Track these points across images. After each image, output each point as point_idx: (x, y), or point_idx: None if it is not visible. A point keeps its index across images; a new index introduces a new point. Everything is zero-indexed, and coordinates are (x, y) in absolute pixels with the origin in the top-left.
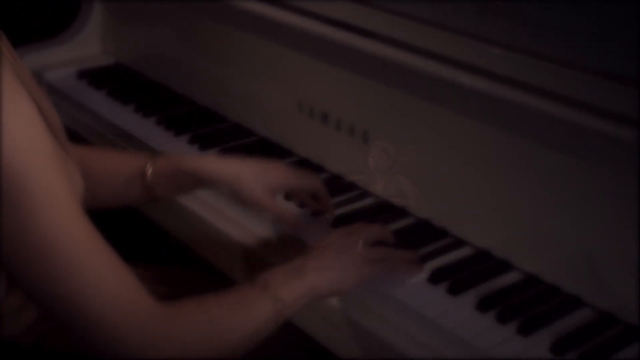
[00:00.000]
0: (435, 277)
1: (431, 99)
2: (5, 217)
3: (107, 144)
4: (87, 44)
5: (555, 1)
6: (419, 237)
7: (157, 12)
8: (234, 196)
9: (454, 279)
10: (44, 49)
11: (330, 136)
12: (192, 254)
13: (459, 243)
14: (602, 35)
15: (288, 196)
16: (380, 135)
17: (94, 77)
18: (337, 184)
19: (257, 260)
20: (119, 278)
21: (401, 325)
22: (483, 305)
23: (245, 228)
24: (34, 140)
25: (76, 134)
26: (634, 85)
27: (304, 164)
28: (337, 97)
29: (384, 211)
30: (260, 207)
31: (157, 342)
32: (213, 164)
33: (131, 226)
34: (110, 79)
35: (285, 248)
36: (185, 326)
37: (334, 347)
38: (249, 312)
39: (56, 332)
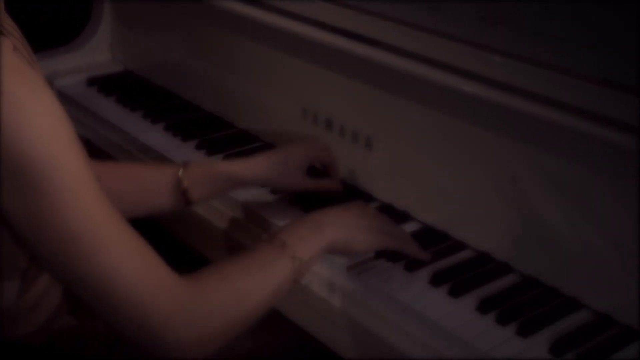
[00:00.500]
0: (436, 280)
1: (432, 105)
2: (32, 204)
3: (116, 149)
4: (97, 52)
5: (554, 10)
6: (421, 240)
7: (165, 20)
8: (269, 189)
9: (455, 282)
10: (54, 57)
11: (334, 142)
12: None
13: (459, 246)
14: (600, 43)
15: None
16: (383, 141)
17: (103, 84)
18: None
19: None
20: (143, 257)
21: (403, 326)
22: (483, 307)
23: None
24: (57, 128)
25: (86, 140)
26: (631, 92)
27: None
28: (340, 103)
29: (387, 215)
30: (301, 190)
31: (182, 315)
32: (246, 165)
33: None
34: (119, 86)
35: None
36: (209, 297)
37: (335, 347)
38: (268, 273)
39: (66, 333)
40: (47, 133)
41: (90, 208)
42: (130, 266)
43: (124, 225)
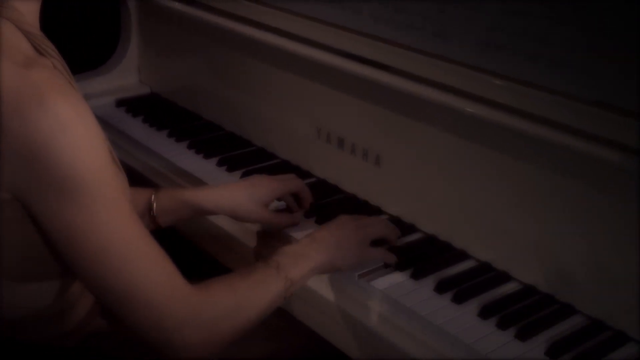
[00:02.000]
0: (441, 287)
1: (437, 125)
2: (70, 217)
3: (143, 166)
4: (125, 75)
5: (550, 37)
6: (426, 250)
7: (189, 46)
8: (233, 219)
9: (458, 289)
10: (85, 80)
11: (346, 159)
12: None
13: (462, 256)
14: (592, 67)
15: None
16: (391, 159)
17: (131, 105)
18: (352, 203)
19: None
20: (163, 268)
21: (410, 330)
22: (485, 312)
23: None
24: (97, 148)
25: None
26: (620, 113)
27: (322, 185)
28: (352, 123)
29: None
30: (258, 223)
31: (194, 320)
32: (210, 196)
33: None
34: (146, 107)
35: None
36: (216, 305)
37: (346, 349)
38: (265, 290)
39: (97, 336)
40: (88, 153)
41: (122, 222)
42: (152, 276)
43: (148, 238)
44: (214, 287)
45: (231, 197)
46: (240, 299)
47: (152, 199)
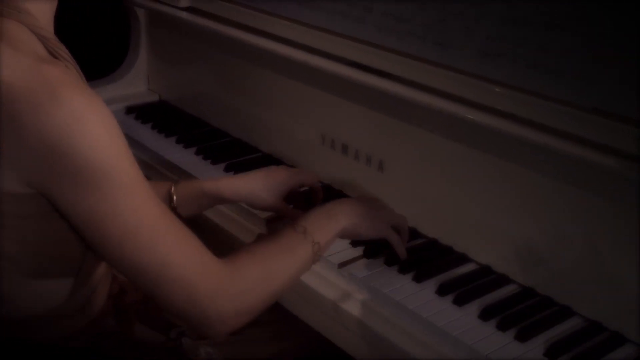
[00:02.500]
0: (442, 290)
1: (438, 131)
2: (94, 204)
3: (152, 171)
4: (134, 83)
5: (548, 46)
6: (428, 254)
7: (196, 55)
8: (249, 206)
9: (459, 292)
10: (96, 88)
11: (350, 165)
12: None
13: (463, 260)
14: (589, 76)
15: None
16: (394, 164)
17: (141, 112)
18: None
19: None
20: (190, 244)
21: (413, 331)
22: (485, 314)
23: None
24: (113, 136)
25: None
26: (617, 119)
27: (327, 190)
28: (356, 130)
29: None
30: (272, 211)
31: (224, 293)
32: (229, 185)
33: None
34: (155, 114)
35: None
36: (245, 276)
37: (351, 350)
38: (292, 256)
39: (106, 337)
40: (105, 140)
41: (145, 205)
42: (181, 253)
43: (172, 218)
44: (242, 258)
45: (248, 186)
46: (269, 268)
47: (172, 191)
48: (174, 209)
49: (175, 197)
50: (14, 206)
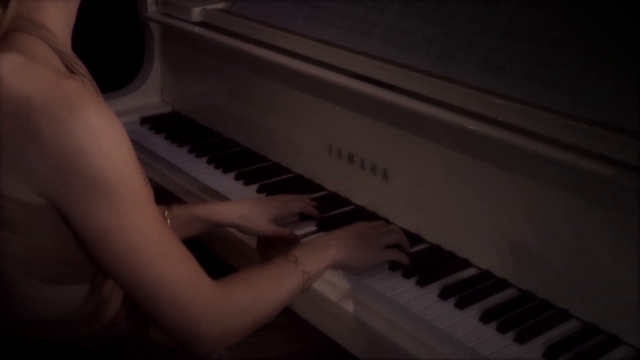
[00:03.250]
0: (444, 294)
1: (441, 141)
2: (103, 219)
3: (165, 179)
4: (148, 95)
5: (545, 60)
6: (431, 259)
7: (208, 67)
8: (242, 231)
9: (461, 295)
10: (111, 99)
11: (355, 174)
12: None
13: (465, 265)
14: (586, 88)
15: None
16: (398, 173)
17: (154, 123)
18: (362, 215)
19: None
20: (188, 265)
21: (416, 333)
22: (486, 317)
23: None
24: (125, 153)
25: None
26: (612, 130)
27: (333, 198)
28: (361, 140)
29: None
30: (265, 235)
31: (214, 314)
32: (220, 211)
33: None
34: (168, 124)
35: None
36: (235, 300)
37: (356, 351)
38: (283, 284)
39: (121, 339)
40: (118, 156)
41: (150, 222)
42: (178, 273)
43: (174, 237)
44: (234, 283)
45: (238, 211)
46: (260, 295)
47: (166, 215)
48: None
49: (168, 221)
50: (28, 215)
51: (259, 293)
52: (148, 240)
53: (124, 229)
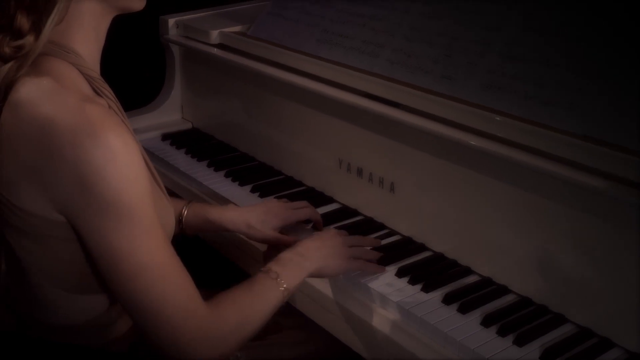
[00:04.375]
0: (448, 299)
1: (444, 156)
2: (114, 239)
3: (185, 192)
4: (169, 113)
5: (543, 79)
6: (435, 267)
7: (226, 87)
8: (247, 237)
9: (463, 301)
10: (135, 117)
11: (364, 187)
12: None
13: (467, 272)
14: (581, 106)
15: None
16: (404, 186)
17: (175, 139)
18: (370, 225)
19: None
20: (185, 291)
21: (421, 337)
22: (486, 321)
23: None
24: (139, 178)
25: None
26: (606, 146)
27: (343, 209)
28: (370, 155)
29: (407, 247)
30: (268, 242)
31: (206, 336)
32: (229, 217)
33: (197, 253)
34: (188, 140)
35: None
36: (225, 322)
37: (363, 353)
38: (265, 300)
39: (145, 340)
40: (132, 181)
41: (157, 247)
42: (175, 298)
43: (178, 263)
44: (223, 304)
45: (244, 218)
46: (245, 314)
47: (183, 210)
48: (181, 227)
49: (184, 217)
50: (49, 230)
51: (246, 314)
52: (153, 264)
53: (132, 250)
